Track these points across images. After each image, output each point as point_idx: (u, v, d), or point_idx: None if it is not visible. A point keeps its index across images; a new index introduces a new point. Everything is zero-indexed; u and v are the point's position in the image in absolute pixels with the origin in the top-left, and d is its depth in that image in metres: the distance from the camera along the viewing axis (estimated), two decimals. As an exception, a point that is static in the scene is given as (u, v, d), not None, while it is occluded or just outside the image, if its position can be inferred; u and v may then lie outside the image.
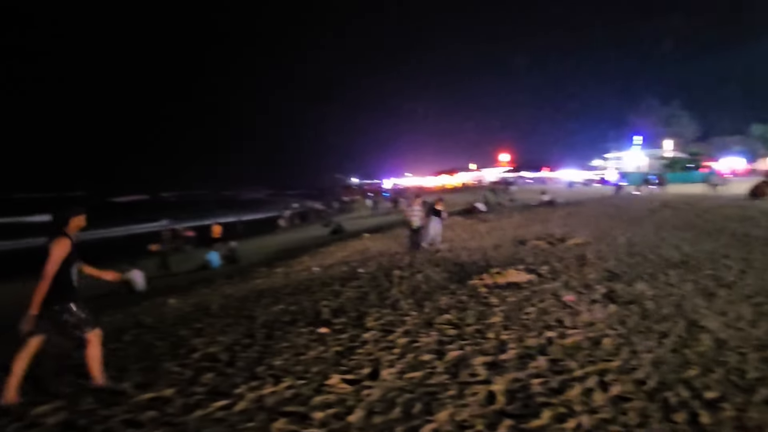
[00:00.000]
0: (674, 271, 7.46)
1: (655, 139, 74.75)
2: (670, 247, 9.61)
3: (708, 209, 16.32)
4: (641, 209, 17.87)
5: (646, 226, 13.15)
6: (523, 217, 18.42)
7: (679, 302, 5.79)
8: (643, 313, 5.40)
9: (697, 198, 22.43)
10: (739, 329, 4.75)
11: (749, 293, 6.03)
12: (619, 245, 10.29)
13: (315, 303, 7.07)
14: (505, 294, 6.66)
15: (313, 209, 52.13)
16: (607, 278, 7.27)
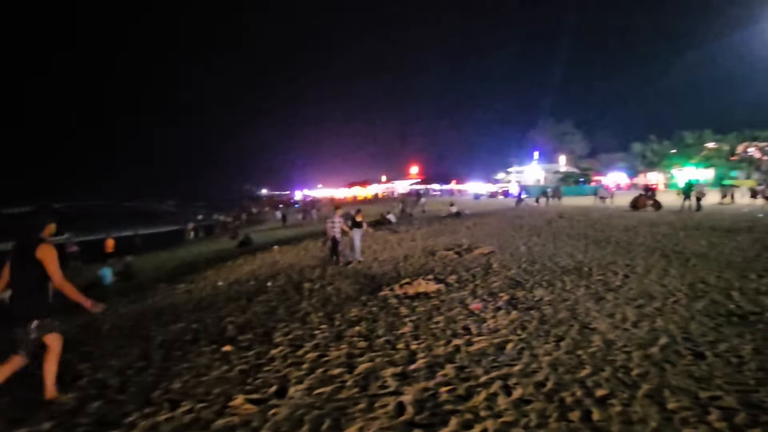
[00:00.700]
0: (569, 278, 7.99)
1: (551, 155, 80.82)
2: (565, 255, 10.30)
3: (597, 220, 17.77)
4: (540, 220, 19.07)
5: (544, 235, 14.03)
6: (433, 228, 18.92)
7: (573, 306, 6.19)
8: (541, 318, 5.71)
9: (588, 210, 24.37)
10: (624, 330, 5.15)
11: (632, 296, 6.58)
12: (521, 254, 10.86)
13: (219, 320, 6.72)
14: (415, 304, 6.75)
15: (220, 221, 50.00)
16: (510, 286, 7.62)
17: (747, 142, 61.51)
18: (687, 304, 6.05)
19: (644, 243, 11.53)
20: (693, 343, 4.58)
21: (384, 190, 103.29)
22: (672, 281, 7.36)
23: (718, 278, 7.41)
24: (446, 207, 29.21)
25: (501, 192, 62.18)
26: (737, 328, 4.98)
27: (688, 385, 3.66)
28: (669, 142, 68.86)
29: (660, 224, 15.22)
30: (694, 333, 4.89)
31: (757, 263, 8.43)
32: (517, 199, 35.30)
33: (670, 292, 6.71)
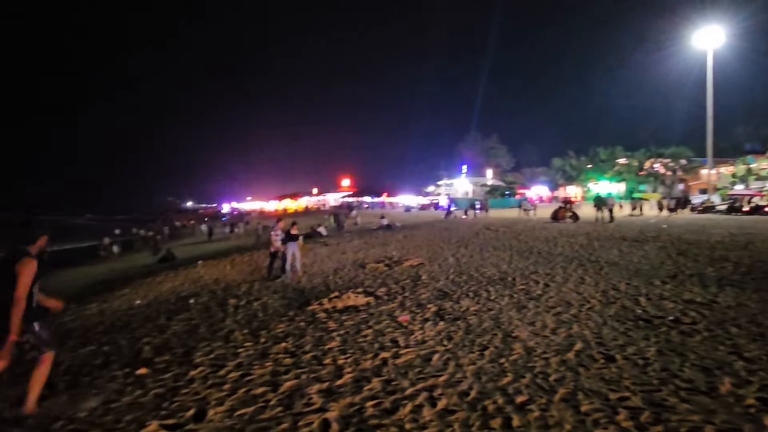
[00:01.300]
0: (494, 288, 8.25)
1: (479, 169, 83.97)
2: (491, 266, 10.64)
3: (521, 231, 18.56)
4: (468, 232, 19.64)
5: (472, 247, 14.45)
6: (363, 241, 18.95)
7: (498, 315, 6.38)
8: (467, 328, 5.83)
9: (513, 222, 25.43)
10: (544, 337, 5.36)
11: (552, 304, 6.88)
12: (449, 265, 11.10)
13: (135, 341, 6.32)
14: (344, 318, 6.69)
15: (140, 235, 47.32)
16: (438, 297, 7.75)
17: (653, 158, 66.92)
18: (600, 310, 6.41)
19: (563, 253, 12.16)
20: (605, 347, 4.84)
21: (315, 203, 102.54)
22: (587, 289, 7.78)
23: (627, 285, 7.92)
24: (377, 219, 29.40)
25: (431, 204, 63.56)
26: (644, 332, 5.33)
27: (599, 388, 3.86)
28: (586, 158, 73.51)
29: (577, 235, 16.12)
30: (606, 337, 5.18)
31: (661, 270, 9.10)
32: (446, 212, 36.23)
33: (585, 299, 7.08)
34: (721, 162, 57.40)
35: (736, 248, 11.31)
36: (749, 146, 64.51)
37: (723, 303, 6.38)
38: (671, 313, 6.02)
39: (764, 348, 4.54)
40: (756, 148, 60.67)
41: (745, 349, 4.55)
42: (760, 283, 7.47)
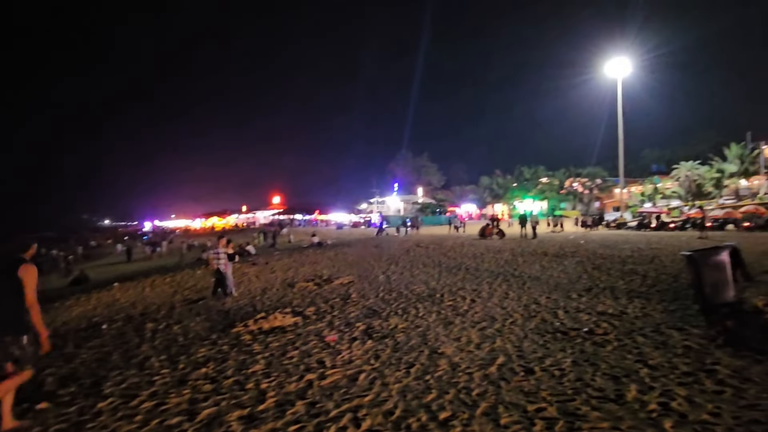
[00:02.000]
0: (422, 304, 8.35)
1: (410, 186, 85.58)
2: (420, 283, 10.78)
3: (450, 248, 18.99)
4: (399, 249, 19.84)
5: (402, 264, 14.59)
6: (293, 260, 18.63)
7: (425, 332, 6.44)
8: (395, 346, 5.84)
9: (443, 239, 25.98)
10: (469, 352, 5.47)
11: (477, 320, 7.06)
12: (379, 283, 11.13)
13: (36, 372, 5.78)
14: (270, 339, 6.50)
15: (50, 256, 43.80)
16: (367, 315, 7.73)
17: (572, 177, 71.23)
18: (522, 324, 6.65)
19: (489, 269, 12.56)
20: (525, 360, 5.02)
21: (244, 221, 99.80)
22: (511, 303, 8.06)
23: (548, 299, 8.28)
24: (308, 237, 29.05)
25: (364, 222, 63.79)
26: (561, 344, 5.58)
27: (519, 400, 3.97)
28: (511, 177, 76.95)
29: (503, 251, 16.73)
30: (527, 350, 5.37)
31: (578, 284, 9.61)
32: (378, 229, 36.46)
33: (509, 313, 7.33)
34: (631, 182, 62.07)
35: (643, 262, 12.16)
36: (655, 167, 70.39)
37: (631, 314, 6.82)
38: (586, 324, 6.35)
39: (666, 355, 4.88)
40: (661, 169, 66.23)
41: (649, 357, 4.87)
42: (664, 294, 8.05)
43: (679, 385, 4.06)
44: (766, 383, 3.98)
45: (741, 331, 5.67)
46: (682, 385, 4.07)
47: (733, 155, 53.16)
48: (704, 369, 4.41)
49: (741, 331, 5.67)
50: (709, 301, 6.56)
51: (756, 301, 6.84)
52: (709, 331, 5.69)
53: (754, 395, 3.76)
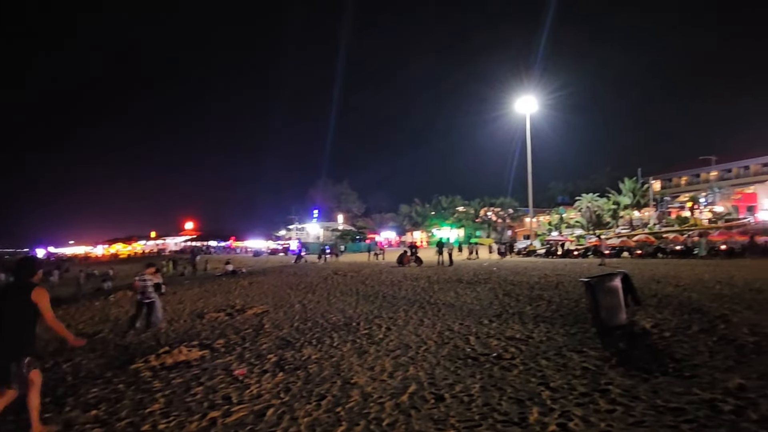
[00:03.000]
0: (338, 334, 8.23)
1: (330, 213, 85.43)
2: (337, 311, 10.66)
3: (369, 276, 19.03)
4: (317, 277, 19.57)
5: (320, 292, 14.39)
6: (204, 289, 17.76)
7: (339, 362, 6.34)
8: (307, 378, 5.68)
9: (361, 266, 26.00)
10: (382, 381, 5.44)
11: (392, 348, 7.06)
12: (294, 312, 10.86)
13: None
14: (173, 375, 6.09)
15: None
16: (280, 346, 7.49)
17: (486, 207, 74.59)
18: (435, 351, 6.74)
19: (406, 296, 12.69)
20: (436, 387, 5.06)
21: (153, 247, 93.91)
22: (425, 330, 8.16)
23: (461, 325, 8.48)
24: (222, 265, 27.87)
25: (282, 249, 62.51)
26: (471, 369, 5.70)
27: (428, 428, 3.98)
28: (430, 205, 79.15)
29: (420, 278, 17.02)
30: (438, 377, 5.43)
31: (489, 310, 9.95)
32: (297, 256, 35.84)
33: (423, 341, 7.40)
34: (540, 212, 66.06)
35: (549, 288, 12.86)
36: (561, 199, 75.55)
37: (537, 338, 7.14)
38: (495, 349, 6.55)
39: (566, 377, 5.13)
40: (566, 201, 71.16)
41: (551, 379, 5.10)
42: (566, 318, 8.53)
43: (577, 406, 4.27)
44: (652, 400, 4.29)
45: (631, 351, 6.12)
46: (579, 405, 4.29)
47: (627, 189, 58.50)
48: (599, 389, 4.69)
49: (631, 351, 6.12)
50: (605, 324, 7.04)
51: (644, 323, 7.44)
52: (604, 352, 6.08)
53: (641, 412, 4.03)
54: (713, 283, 12.22)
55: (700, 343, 6.19)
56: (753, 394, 4.27)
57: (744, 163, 61.78)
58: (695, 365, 5.29)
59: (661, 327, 7.20)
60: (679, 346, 6.13)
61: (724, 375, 4.86)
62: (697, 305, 8.81)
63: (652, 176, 64.06)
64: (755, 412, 3.88)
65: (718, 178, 61.80)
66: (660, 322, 7.55)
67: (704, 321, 7.46)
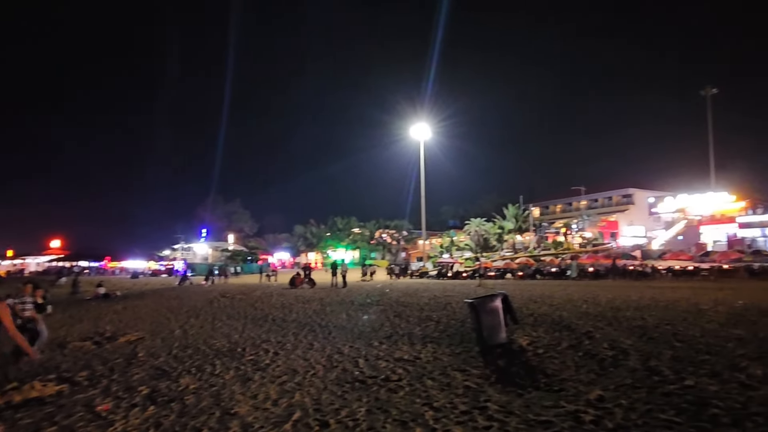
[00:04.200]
0: (220, 360, 7.76)
1: (219, 233, 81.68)
2: (222, 337, 10.09)
3: (259, 298, 18.37)
4: (202, 300, 18.48)
5: (204, 316, 13.57)
6: (69, 315, 15.93)
7: (219, 392, 5.95)
8: (182, 411, 5.25)
9: (252, 288, 25.06)
10: (265, 410, 5.18)
11: (278, 374, 6.79)
12: (174, 338, 10.11)
13: None
14: (21, 416, 5.30)
15: None
16: (155, 376, 6.88)
17: (381, 228, 76.06)
18: (323, 375, 6.59)
19: (297, 319, 12.39)
20: (321, 413, 4.92)
21: (8, 267, 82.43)
22: (314, 354, 7.97)
23: (351, 348, 8.41)
24: (93, 288, 25.24)
25: (166, 270, 58.51)
26: (358, 393, 5.64)
27: (310, 458, 3.84)
28: (325, 226, 78.92)
29: (312, 301, 16.76)
30: (324, 403, 5.30)
31: (380, 332, 10.00)
32: (181, 278, 33.67)
33: (311, 365, 7.22)
34: (432, 234, 68.82)
35: (438, 309, 13.29)
36: (452, 222, 79.41)
37: (424, 358, 7.28)
38: (383, 372, 6.56)
39: (449, 396, 5.26)
40: (456, 224, 74.90)
41: (435, 399, 5.20)
42: (452, 338, 8.83)
43: (457, 424, 4.38)
44: (525, 414, 4.52)
45: (509, 368, 6.46)
46: (459, 423, 4.40)
47: (511, 215, 63.13)
48: (479, 406, 4.86)
49: (509, 368, 6.46)
50: (487, 342, 7.39)
51: (522, 341, 7.92)
52: (485, 370, 6.35)
53: (514, 427, 4.23)
54: (581, 302, 13.43)
55: (568, 359, 6.70)
56: (610, 404, 4.68)
57: (608, 194, 69.51)
58: (563, 379, 5.70)
59: (536, 344, 7.71)
60: (551, 362, 6.58)
61: (587, 387, 5.29)
62: (567, 323, 9.58)
63: (533, 203, 69.85)
64: (611, 420, 4.24)
65: (587, 207, 68.89)
66: (535, 339, 8.08)
67: (572, 338, 8.11)
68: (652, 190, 63.88)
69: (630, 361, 6.36)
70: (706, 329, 8.52)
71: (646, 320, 9.72)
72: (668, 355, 6.57)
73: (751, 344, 7.10)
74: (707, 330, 8.44)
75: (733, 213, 50.63)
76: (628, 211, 64.01)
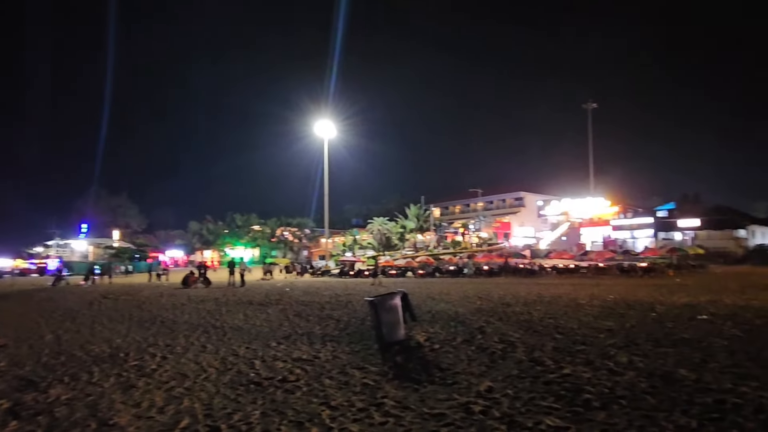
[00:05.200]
0: (99, 367, 7.09)
1: (103, 229, 74.94)
2: (102, 341, 9.25)
3: (147, 299, 17.13)
4: (80, 302, 16.86)
5: (82, 319, 12.38)
6: None
7: (97, 402, 5.43)
8: (50, 424, 4.71)
9: (139, 288, 23.36)
10: (149, 418, 4.80)
11: (166, 379, 6.34)
12: (45, 345, 9.08)
13: None
14: None
15: None
16: (19, 388, 6.12)
17: (283, 226, 74.51)
18: (216, 378, 6.27)
19: (189, 320, 11.71)
20: (212, 419, 4.66)
21: None
22: (207, 357, 7.57)
23: (247, 349, 8.10)
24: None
25: (37, 269, 52.78)
26: (253, 395, 5.43)
27: (198, 468, 3.61)
28: (223, 223, 75.70)
29: (207, 300, 15.96)
30: (216, 407, 5.02)
31: (279, 332, 9.74)
32: (56, 277, 30.49)
33: (203, 368, 6.83)
34: (335, 233, 68.74)
35: (339, 307, 13.26)
36: (355, 221, 79.92)
37: (323, 357, 7.20)
38: (281, 372, 6.39)
39: (346, 395, 5.24)
40: (359, 223, 75.52)
41: (333, 398, 5.15)
42: (353, 336, 8.84)
43: (354, 422, 4.36)
44: (420, 408, 4.62)
45: (407, 364, 6.59)
46: (356, 421, 4.39)
47: (412, 214, 64.97)
48: (375, 403, 4.88)
49: (407, 364, 6.59)
50: (386, 340, 7.48)
51: (419, 337, 8.13)
52: (383, 367, 6.42)
53: (409, 421, 4.31)
54: (476, 299, 14.12)
55: (462, 353, 6.99)
56: (497, 394, 4.94)
57: (502, 197, 73.91)
58: (456, 373, 5.92)
59: (433, 340, 7.95)
60: (446, 357, 6.82)
61: (478, 379, 5.54)
62: (462, 319, 10.01)
63: (434, 204, 72.35)
64: (498, 410, 4.47)
65: (484, 209, 72.71)
66: (432, 335, 8.34)
67: (467, 332, 8.48)
68: (540, 193, 68.90)
69: (517, 353, 6.78)
70: (582, 322, 9.33)
71: (532, 315, 10.43)
72: (550, 347, 7.08)
73: (619, 334, 7.89)
74: (583, 322, 9.24)
75: (608, 217, 56.34)
76: (519, 213, 68.53)
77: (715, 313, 10.20)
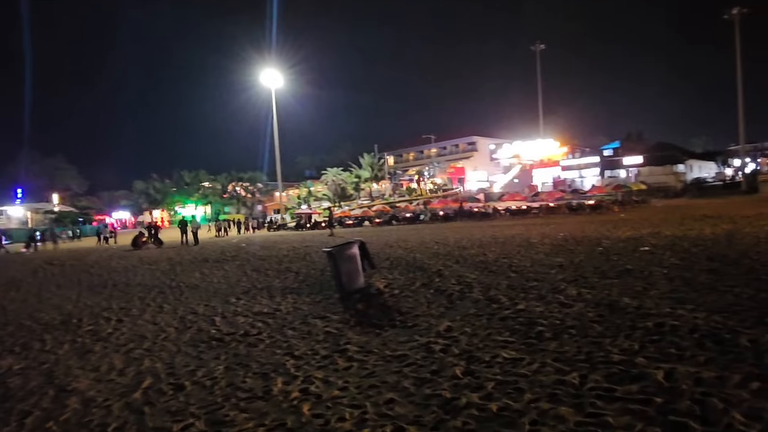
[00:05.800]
0: (51, 335, 6.89)
1: (40, 193, 70.82)
2: (51, 309, 8.94)
3: (96, 263, 16.53)
4: (23, 270, 16.11)
5: (27, 288, 11.88)
6: None
7: (52, 369, 5.31)
8: (4, 396, 4.58)
9: (86, 252, 22.49)
10: (109, 381, 4.74)
11: (123, 342, 6.24)
12: (-11, 316, 8.70)
13: None
14: None
15: None
16: (-35, 361, 5.87)
17: (234, 182, 72.64)
18: (176, 337, 6.21)
19: (143, 282, 11.44)
20: (175, 377, 4.65)
21: None
22: (165, 317, 7.46)
23: (206, 306, 8.02)
24: None
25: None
26: (216, 351, 5.42)
27: (164, 423, 3.62)
28: (170, 181, 73.05)
29: (160, 261, 15.57)
30: (178, 366, 5.00)
31: (237, 288, 9.67)
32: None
33: (161, 329, 6.75)
34: (288, 185, 67.66)
35: (297, 260, 13.23)
36: (308, 173, 78.84)
37: (284, 310, 7.23)
38: (242, 327, 6.39)
39: (310, 344, 5.31)
40: (313, 175, 74.57)
41: (296, 348, 5.21)
42: (312, 287, 8.88)
43: (318, 369, 4.45)
44: (383, 352, 4.76)
45: (367, 311, 6.71)
46: (321, 368, 4.48)
47: (367, 164, 64.51)
48: (339, 350, 4.99)
49: (367, 311, 6.71)
50: (346, 288, 7.58)
51: (379, 284, 8.27)
52: (345, 315, 6.52)
53: (372, 364, 4.44)
54: (433, 244, 14.39)
55: (421, 296, 7.17)
56: (456, 333, 5.14)
57: (454, 142, 74.26)
58: (417, 315, 6.09)
59: (392, 286, 8.11)
60: (406, 301, 6.99)
61: (437, 320, 5.72)
62: (420, 264, 10.22)
63: (387, 152, 72.02)
64: (457, 347, 4.66)
65: (437, 155, 73.01)
66: (391, 281, 8.49)
67: (425, 277, 8.68)
68: (492, 137, 69.62)
69: (473, 293, 7.01)
70: (534, 260, 9.71)
71: (487, 256, 10.76)
72: (505, 285, 7.37)
73: (568, 270, 8.27)
74: (536, 260, 9.63)
75: (557, 158, 57.84)
76: (472, 157, 69.28)
77: (655, 244, 10.82)
